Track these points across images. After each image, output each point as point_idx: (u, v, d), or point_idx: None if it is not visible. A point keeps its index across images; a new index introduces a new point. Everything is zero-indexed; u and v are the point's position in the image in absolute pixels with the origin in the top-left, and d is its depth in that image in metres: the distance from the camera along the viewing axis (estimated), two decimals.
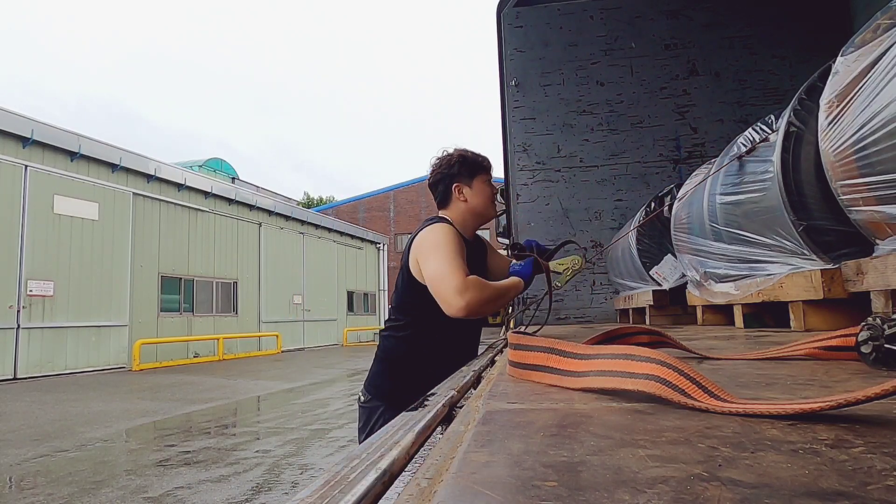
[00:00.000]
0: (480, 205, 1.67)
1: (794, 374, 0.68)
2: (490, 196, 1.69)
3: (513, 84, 4.79)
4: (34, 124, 9.48)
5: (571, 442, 0.38)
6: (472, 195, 1.66)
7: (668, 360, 0.51)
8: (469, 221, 1.69)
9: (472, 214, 1.68)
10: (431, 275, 1.42)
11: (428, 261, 1.45)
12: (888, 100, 1.08)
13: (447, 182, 1.67)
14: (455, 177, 1.67)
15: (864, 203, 1.23)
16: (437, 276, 1.40)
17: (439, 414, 0.59)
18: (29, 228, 9.27)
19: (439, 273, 1.40)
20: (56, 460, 3.78)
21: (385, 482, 0.37)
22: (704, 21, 4.55)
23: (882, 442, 0.35)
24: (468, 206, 1.67)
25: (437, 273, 1.40)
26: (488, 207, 1.68)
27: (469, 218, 1.68)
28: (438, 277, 1.39)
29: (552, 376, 0.64)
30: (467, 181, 1.66)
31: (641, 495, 0.27)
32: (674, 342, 0.91)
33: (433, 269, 1.42)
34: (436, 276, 1.40)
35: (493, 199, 1.70)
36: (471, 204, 1.66)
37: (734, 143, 2.00)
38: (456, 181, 1.67)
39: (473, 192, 1.66)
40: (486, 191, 1.68)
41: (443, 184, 1.68)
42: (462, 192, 1.66)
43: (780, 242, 1.66)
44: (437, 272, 1.40)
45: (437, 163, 1.71)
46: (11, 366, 8.89)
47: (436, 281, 1.40)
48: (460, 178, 1.66)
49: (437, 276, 1.40)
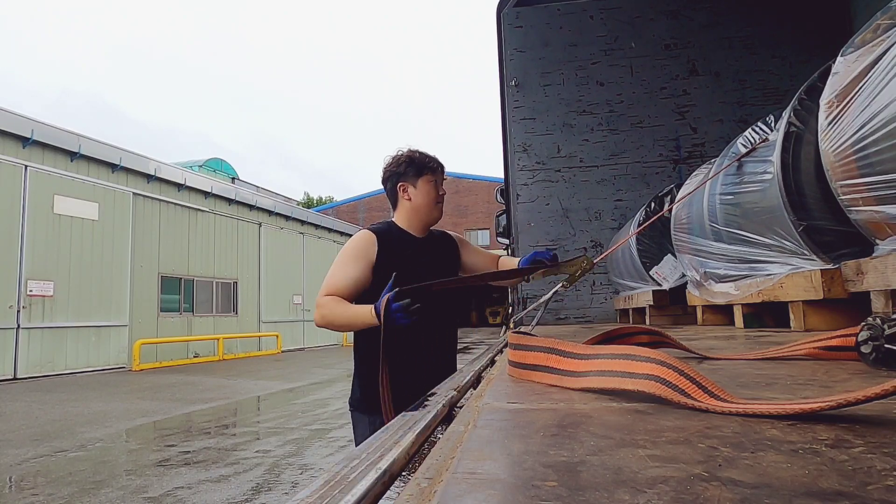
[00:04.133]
0: (423, 205, 1.69)
1: (794, 374, 0.68)
2: (434, 197, 1.70)
3: (513, 84, 4.79)
4: (34, 124, 9.49)
5: (571, 442, 0.38)
6: (416, 194, 1.68)
7: (668, 360, 0.51)
8: (414, 221, 1.71)
9: (416, 214, 1.70)
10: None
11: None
12: (888, 100, 1.08)
13: (394, 181, 1.70)
14: (401, 176, 1.69)
15: (864, 203, 1.23)
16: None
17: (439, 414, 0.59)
18: (29, 228, 9.27)
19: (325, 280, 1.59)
20: (56, 460, 3.78)
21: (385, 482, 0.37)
22: (704, 21, 4.55)
23: (882, 442, 0.35)
24: (412, 206, 1.69)
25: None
26: (431, 208, 1.70)
27: (413, 217, 1.71)
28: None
29: (552, 376, 0.64)
30: (413, 180, 1.68)
31: (641, 495, 0.27)
32: (674, 342, 0.91)
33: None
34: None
35: (437, 200, 1.71)
36: (414, 203, 1.69)
37: (734, 143, 2.00)
38: (401, 180, 1.69)
39: (417, 191, 1.68)
40: (431, 192, 1.69)
41: (390, 182, 1.72)
42: (407, 191, 1.69)
43: (780, 242, 1.66)
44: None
45: (388, 162, 1.75)
46: (11, 366, 8.89)
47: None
48: (406, 178, 1.69)
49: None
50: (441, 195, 1.73)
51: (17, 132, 9.21)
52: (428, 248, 1.71)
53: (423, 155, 1.72)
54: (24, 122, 9.37)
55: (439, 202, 1.73)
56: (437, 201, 1.72)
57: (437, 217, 1.74)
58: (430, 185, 1.69)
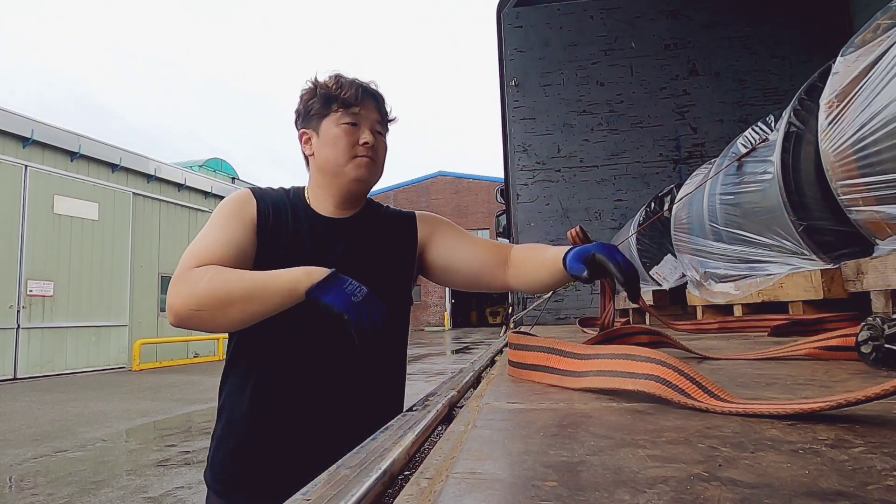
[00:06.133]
0: (330, 160, 1.04)
1: (794, 374, 0.68)
2: (346, 145, 1.03)
3: (513, 84, 4.79)
4: (34, 124, 9.49)
5: (571, 442, 0.38)
6: (319, 145, 1.06)
7: (668, 360, 0.51)
8: (323, 190, 1.08)
9: (323, 176, 1.07)
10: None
11: None
12: (888, 100, 1.08)
13: (298, 130, 1.12)
14: (302, 119, 1.10)
15: (864, 203, 1.23)
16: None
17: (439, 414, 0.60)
18: (29, 228, 9.27)
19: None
20: (56, 460, 3.78)
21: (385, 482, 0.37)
22: (704, 21, 4.55)
23: (882, 442, 0.35)
24: (315, 164, 1.08)
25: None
26: (341, 163, 1.04)
27: (322, 183, 1.08)
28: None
29: (552, 376, 0.64)
30: (315, 125, 1.07)
31: (641, 495, 0.27)
32: (674, 342, 0.91)
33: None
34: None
35: (355, 153, 1.04)
36: (318, 158, 1.07)
37: (734, 143, 2.00)
38: (303, 126, 1.10)
39: (320, 140, 1.06)
40: (341, 137, 1.03)
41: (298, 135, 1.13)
42: (310, 142, 1.09)
43: (780, 242, 1.66)
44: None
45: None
46: (11, 366, 8.89)
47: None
48: (307, 122, 1.09)
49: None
50: (365, 144, 1.04)
51: (17, 132, 9.22)
52: (346, 235, 1.07)
53: (335, 80, 1.07)
54: (24, 122, 9.37)
55: (362, 155, 1.04)
56: (356, 154, 1.04)
57: (357, 182, 1.05)
58: (340, 127, 1.04)
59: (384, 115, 1.12)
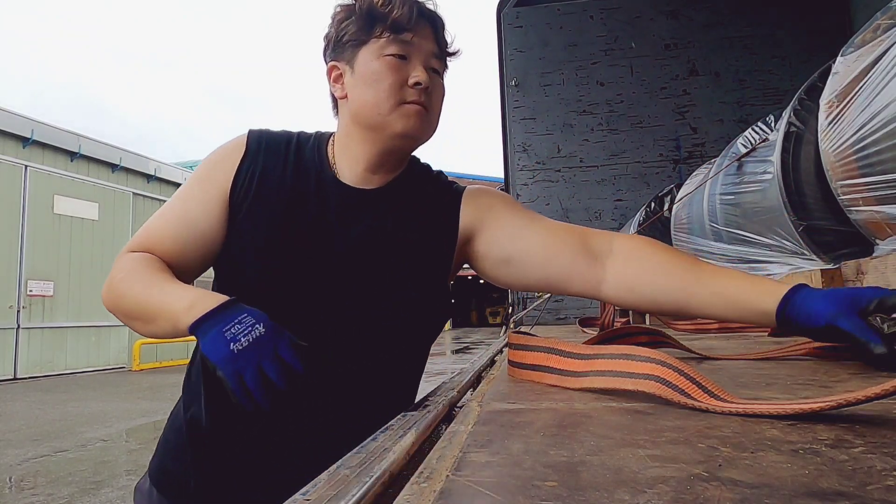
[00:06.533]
0: (367, 103, 0.76)
1: (794, 374, 0.68)
2: (392, 82, 0.75)
3: (513, 84, 4.79)
4: (34, 124, 9.49)
5: (571, 442, 0.38)
6: (354, 84, 0.78)
7: (669, 360, 0.51)
8: (356, 142, 0.80)
9: (355, 125, 0.80)
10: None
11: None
12: (888, 100, 1.08)
13: (327, 63, 0.83)
14: (329, 50, 0.83)
15: (864, 203, 1.23)
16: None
17: (439, 414, 0.60)
18: (29, 228, 9.27)
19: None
20: (56, 460, 3.78)
21: (385, 482, 0.37)
22: (704, 21, 4.55)
23: (882, 442, 0.35)
24: (348, 109, 0.81)
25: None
26: (381, 104, 0.75)
27: (354, 132, 0.80)
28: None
29: (552, 376, 0.64)
30: (350, 56, 0.79)
31: (641, 495, 0.27)
32: (674, 342, 0.91)
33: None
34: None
35: (399, 87, 0.75)
36: (352, 102, 0.79)
37: (734, 143, 2.00)
38: (333, 58, 0.82)
39: (356, 76, 0.78)
40: (382, 72, 0.75)
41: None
42: (341, 79, 0.81)
43: (780, 242, 1.66)
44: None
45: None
46: (11, 366, 8.89)
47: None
48: (338, 53, 0.81)
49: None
50: (418, 85, 0.76)
51: (17, 132, 9.22)
52: (369, 212, 0.79)
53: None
54: (24, 122, 9.37)
55: (412, 101, 0.76)
56: (404, 98, 0.76)
57: (403, 138, 0.77)
58: (384, 60, 0.76)
59: (443, 47, 0.82)
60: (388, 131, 0.77)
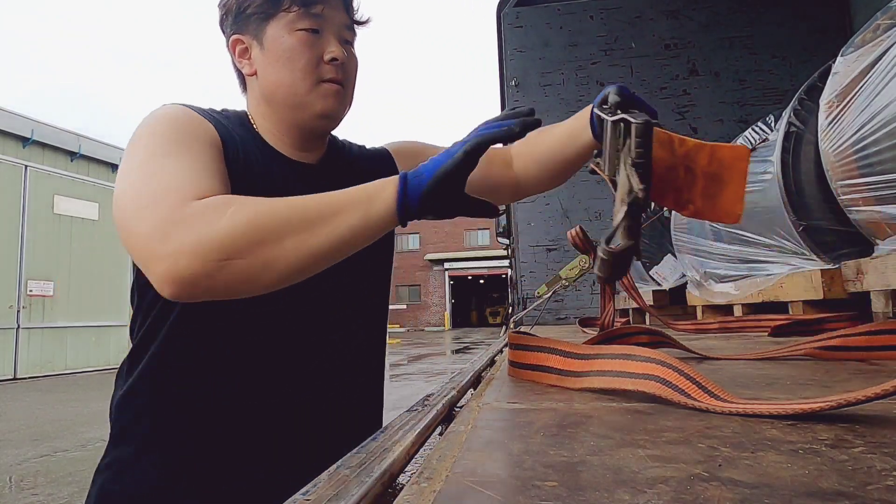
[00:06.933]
0: (282, 83, 0.74)
1: (794, 374, 0.68)
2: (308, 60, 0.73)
3: (513, 84, 4.79)
4: (34, 124, 9.50)
5: (571, 442, 0.38)
6: (265, 61, 0.75)
7: (669, 360, 0.51)
8: (273, 122, 0.78)
9: (270, 105, 0.77)
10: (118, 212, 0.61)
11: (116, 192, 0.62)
12: (888, 100, 1.08)
13: (227, 38, 0.79)
14: (229, 21, 0.77)
15: (864, 203, 1.23)
16: (125, 208, 0.60)
17: (439, 414, 0.60)
18: (29, 228, 9.27)
19: (129, 198, 0.60)
20: (56, 460, 3.78)
21: (385, 482, 0.37)
22: (704, 21, 4.55)
23: (882, 442, 0.35)
24: (259, 87, 0.78)
25: (126, 200, 0.60)
26: (298, 85, 0.74)
27: (269, 112, 0.78)
28: (129, 210, 0.59)
29: (552, 376, 0.64)
30: (255, 29, 0.76)
31: (641, 495, 0.27)
32: (674, 342, 0.91)
33: (118, 199, 0.61)
34: (124, 209, 0.60)
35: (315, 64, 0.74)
36: (263, 81, 0.76)
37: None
38: (233, 32, 0.78)
39: (267, 53, 0.75)
40: (295, 49, 0.73)
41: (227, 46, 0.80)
42: (247, 54, 0.77)
43: (780, 242, 1.66)
44: (125, 198, 0.60)
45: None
46: (11, 366, 8.89)
47: (125, 221, 0.59)
48: (241, 26, 0.77)
49: (125, 208, 0.60)
50: (334, 61, 0.74)
51: (17, 132, 9.23)
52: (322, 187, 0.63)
53: None
54: (24, 122, 9.38)
55: (330, 80, 0.75)
56: (322, 77, 0.74)
57: (324, 118, 0.77)
58: (296, 35, 0.73)
59: (353, 17, 0.79)
60: (307, 112, 0.76)
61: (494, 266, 28.95)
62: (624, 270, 0.53)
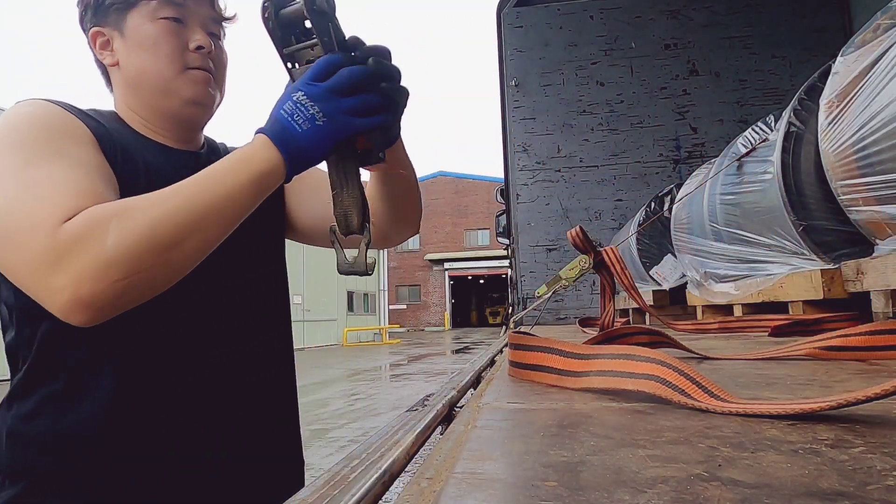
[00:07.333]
0: (146, 69, 0.73)
1: (794, 374, 0.68)
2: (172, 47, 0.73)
3: (513, 84, 4.79)
4: None
5: (571, 442, 0.38)
6: (128, 50, 0.73)
7: (668, 360, 0.51)
8: (143, 113, 0.76)
9: (137, 94, 0.75)
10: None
11: None
12: (888, 100, 1.08)
13: (85, 30, 0.76)
14: (89, 15, 0.75)
15: (864, 203, 1.23)
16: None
17: (439, 414, 0.60)
18: None
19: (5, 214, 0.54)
20: None
21: (385, 482, 0.37)
22: (704, 21, 4.55)
23: (882, 442, 0.35)
24: (124, 77, 0.75)
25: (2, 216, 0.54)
26: (164, 70, 0.72)
27: (136, 103, 0.76)
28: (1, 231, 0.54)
29: (552, 376, 0.64)
30: (116, 20, 0.74)
31: (641, 495, 0.27)
32: (674, 342, 0.91)
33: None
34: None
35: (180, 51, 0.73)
36: (128, 69, 0.74)
37: (734, 143, 2.00)
38: (92, 25, 0.75)
39: (129, 42, 0.73)
40: (158, 36, 0.72)
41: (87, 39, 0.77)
42: (109, 46, 0.75)
43: (780, 242, 1.66)
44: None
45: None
46: None
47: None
48: (100, 18, 0.75)
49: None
50: (200, 49, 0.74)
51: None
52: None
53: None
54: None
55: (197, 67, 0.74)
56: (188, 64, 0.74)
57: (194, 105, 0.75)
58: (158, 24, 0.72)
59: (220, 12, 0.78)
60: (175, 99, 0.74)
61: (494, 266, 28.97)
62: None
